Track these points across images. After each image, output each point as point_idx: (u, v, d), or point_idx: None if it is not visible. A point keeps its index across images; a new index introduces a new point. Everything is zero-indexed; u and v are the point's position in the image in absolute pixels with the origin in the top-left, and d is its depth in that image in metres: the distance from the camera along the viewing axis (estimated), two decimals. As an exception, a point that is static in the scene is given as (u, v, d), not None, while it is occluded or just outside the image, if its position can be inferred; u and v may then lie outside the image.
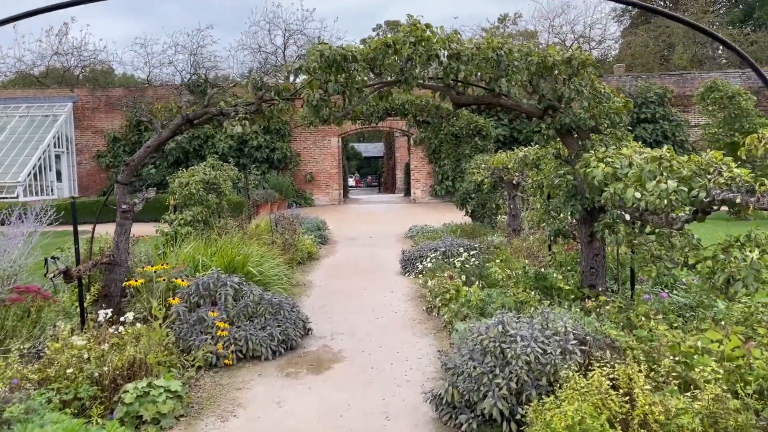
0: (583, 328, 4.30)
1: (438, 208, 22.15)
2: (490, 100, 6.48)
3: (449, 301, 6.63)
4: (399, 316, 7.05)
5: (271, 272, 7.34)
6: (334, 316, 7.16)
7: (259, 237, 9.75)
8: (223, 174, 10.97)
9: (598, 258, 6.56)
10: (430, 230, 13.62)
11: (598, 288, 6.49)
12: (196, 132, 24.03)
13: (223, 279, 6.20)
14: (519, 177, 9.91)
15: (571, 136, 6.49)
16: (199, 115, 6.32)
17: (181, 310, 5.84)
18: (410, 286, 8.61)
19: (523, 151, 8.97)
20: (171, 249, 8.19)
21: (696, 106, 24.81)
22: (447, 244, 9.66)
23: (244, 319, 5.92)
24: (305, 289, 8.68)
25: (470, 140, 13.95)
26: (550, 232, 6.87)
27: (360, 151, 52.19)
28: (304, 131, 25.21)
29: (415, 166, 25.67)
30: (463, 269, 7.73)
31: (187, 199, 9.34)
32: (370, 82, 6.17)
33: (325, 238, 13.75)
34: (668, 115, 23.88)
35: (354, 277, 9.55)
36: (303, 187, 25.48)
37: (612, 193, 5.02)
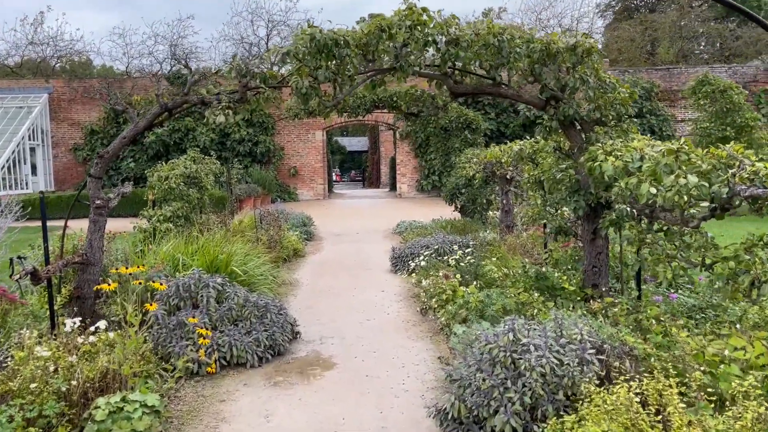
0: (598, 335, 3.97)
1: (425, 203, 21.82)
2: (490, 89, 6.12)
3: (446, 303, 6.28)
4: (392, 318, 6.69)
5: (256, 272, 6.93)
6: (323, 317, 6.78)
7: (243, 234, 9.33)
8: (204, 168, 10.51)
9: (601, 256, 6.25)
10: (418, 226, 13.26)
11: (601, 288, 6.19)
12: (176, 125, 23.45)
13: (205, 280, 5.79)
14: (513, 171, 9.59)
15: (574, 128, 6.16)
16: (178, 104, 5.89)
17: (160, 314, 5.43)
18: (402, 285, 8.25)
19: (518, 145, 8.64)
20: (150, 247, 7.74)
21: (682, 101, 24.75)
22: (439, 240, 9.31)
23: (228, 323, 5.52)
24: (292, 289, 8.28)
25: (460, 134, 13.60)
26: (551, 229, 6.54)
27: (344, 145, 51.67)
28: (288, 124, 24.71)
29: (401, 160, 25.30)
30: (458, 268, 7.38)
31: (167, 193, 8.88)
32: (363, 70, 5.78)
33: (311, 235, 13.35)
34: (655, 110, 23.74)
35: (342, 276, 9.17)
36: (287, 182, 25.00)
37: (623, 188, 4.69)
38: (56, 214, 20.28)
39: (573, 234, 6.56)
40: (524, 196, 9.58)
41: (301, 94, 5.45)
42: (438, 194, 24.48)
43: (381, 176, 36.61)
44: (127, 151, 23.82)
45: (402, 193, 25.23)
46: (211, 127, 23.68)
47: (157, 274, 6.32)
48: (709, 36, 30.22)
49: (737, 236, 4.55)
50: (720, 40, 29.11)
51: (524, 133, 23.24)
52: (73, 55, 29.65)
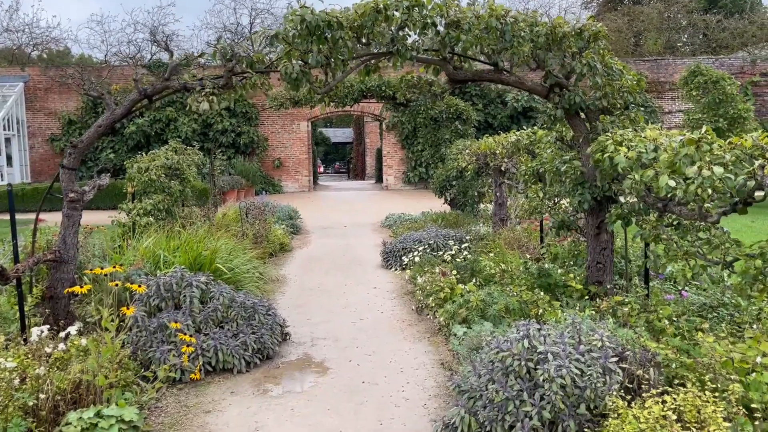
0: (617, 340, 3.66)
1: (412, 196, 21.48)
2: (491, 76, 5.79)
3: (444, 301, 5.96)
4: (386, 317, 6.36)
5: (242, 269, 6.56)
6: (314, 317, 6.43)
7: (228, 228, 8.93)
8: (186, 159, 10.08)
9: (605, 252, 5.97)
10: (408, 219, 12.94)
11: (606, 285, 5.91)
12: (157, 115, 22.84)
13: (188, 278, 5.41)
14: (508, 163, 9.29)
15: (579, 117, 5.86)
16: (158, 90, 5.48)
17: (140, 316, 5.04)
18: (394, 282, 7.92)
19: (515, 135, 8.34)
20: (129, 242, 7.33)
21: (670, 93, 24.63)
22: (431, 235, 8.99)
23: (213, 325, 5.15)
24: (279, 286, 7.91)
25: (450, 124, 13.28)
26: (553, 223, 6.25)
27: (328, 136, 51.07)
28: (272, 114, 24.20)
29: (388, 152, 24.91)
30: (454, 264, 7.06)
31: (147, 186, 8.45)
32: (357, 54, 5.41)
33: (298, 228, 12.96)
34: (643, 102, 23.59)
35: (332, 272, 8.82)
36: (271, 174, 24.52)
37: (638, 180, 4.39)
38: (33, 207, 19.66)
39: (575, 228, 6.27)
40: (519, 188, 9.29)
41: (290, 80, 5.07)
42: (425, 186, 24.17)
43: (366, 168, 36.22)
44: (106, 142, 23.19)
45: (388, 185, 24.87)
46: (193, 118, 23.12)
47: (137, 272, 5.93)
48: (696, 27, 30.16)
49: (732, 229, 4.29)
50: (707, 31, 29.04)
51: (512, 125, 22.97)
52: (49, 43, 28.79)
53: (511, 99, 23.03)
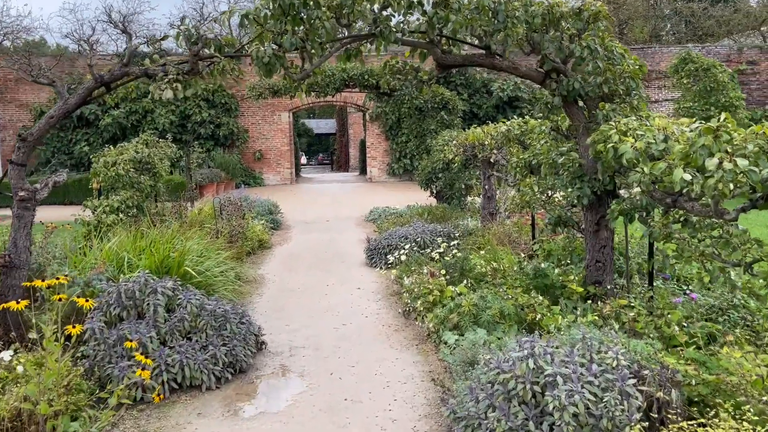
0: (630, 355, 3.25)
1: (397, 188, 21.02)
2: (482, 60, 5.33)
3: (433, 305, 5.52)
4: (371, 322, 5.91)
5: (215, 270, 6.07)
6: (293, 322, 5.97)
7: (202, 225, 8.42)
8: (158, 152, 9.53)
9: (605, 250, 5.57)
10: (393, 213, 12.48)
11: (606, 285, 5.51)
12: (133, 106, 22.12)
13: (152, 284, 4.91)
14: (497, 154, 8.86)
15: (577, 105, 5.43)
16: (117, 77, 4.96)
17: (98, 327, 4.55)
18: (379, 282, 7.47)
19: (505, 125, 7.90)
20: (94, 242, 6.80)
21: (657, 81, 24.37)
22: (418, 230, 8.54)
23: (180, 336, 4.67)
24: (257, 287, 7.43)
25: (436, 114, 12.82)
26: (549, 219, 5.83)
27: (311, 127, 50.36)
28: (253, 105, 23.56)
29: (372, 143, 24.40)
30: (443, 263, 6.63)
31: (115, 181, 7.91)
32: (336, 36, 4.93)
33: (278, 223, 12.45)
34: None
35: (313, 270, 8.35)
36: (252, 166, 23.91)
37: (647, 174, 3.98)
38: (3, 203, 18.94)
39: (572, 225, 5.86)
40: (509, 181, 8.87)
41: (262, 65, 4.58)
42: (410, 178, 23.71)
43: (350, 159, 35.68)
44: (81, 134, 22.45)
45: (372, 177, 24.38)
46: (171, 109, 22.43)
47: (98, 277, 5.42)
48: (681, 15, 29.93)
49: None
50: (692, 19, 28.83)
51: (498, 114, 22.55)
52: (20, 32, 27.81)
53: (497, 88, 22.61)
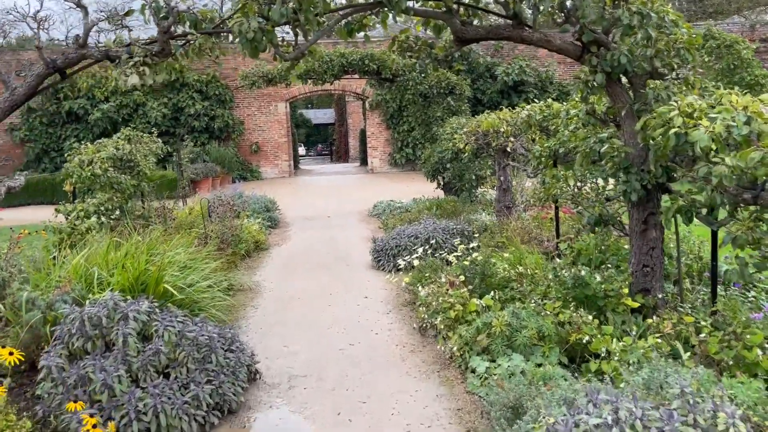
0: (742, 412, 2.45)
1: (400, 179, 20.19)
2: (509, 32, 4.50)
3: (455, 321, 4.72)
4: (382, 340, 5.12)
5: (201, 284, 5.26)
6: (292, 342, 5.18)
7: (190, 228, 7.61)
8: (142, 148, 8.71)
9: (654, 253, 4.77)
10: (398, 207, 11.67)
11: (655, 294, 4.72)
12: (123, 99, 21.25)
13: (123, 308, 4.11)
14: (515, 142, 8.03)
15: (620, 84, 4.61)
16: (72, 61, 4.14)
17: (55, 365, 3.76)
18: (388, 289, 6.67)
19: (525, 110, 7.09)
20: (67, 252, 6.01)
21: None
22: (429, 229, 7.73)
23: (155, 373, 3.88)
24: (251, 297, 6.64)
25: (442, 101, 11.98)
26: (588, 217, 5.01)
27: (309, 117, 49.39)
28: (248, 96, 22.68)
29: (372, 132, 23.52)
30: (461, 267, 5.82)
31: (91, 182, 7.09)
32: (334, 6, 4.11)
33: (276, 221, 11.64)
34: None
35: (314, 275, 7.55)
36: (249, 159, 23.06)
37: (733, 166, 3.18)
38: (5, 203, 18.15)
39: (616, 224, 5.05)
40: (529, 172, 8.05)
41: (246, 42, 3.75)
42: (413, 168, 22.87)
43: (349, 150, 34.81)
44: (70, 130, 21.59)
45: (374, 168, 23.54)
46: (163, 102, 21.56)
47: (62, 298, 4.63)
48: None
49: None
50: None
51: (502, 100, 21.68)
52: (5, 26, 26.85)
53: (502, 73, 21.71)
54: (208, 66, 22.36)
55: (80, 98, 21.45)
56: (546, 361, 4.04)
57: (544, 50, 23.89)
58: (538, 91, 22.04)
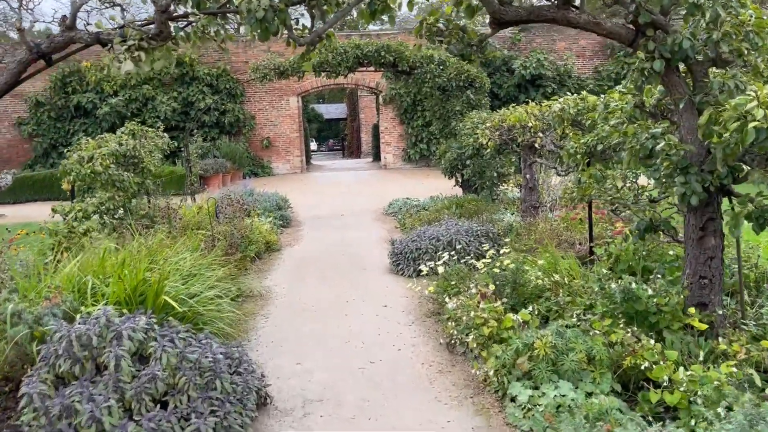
0: None
1: (415, 175, 19.69)
2: (553, 14, 3.97)
3: (489, 339, 4.22)
4: (406, 357, 4.62)
5: (207, 294, 4.78)
6: (306, 358, 4.70)
7: (197, 229, 7.14)
8: (147, 143, 8.26)
9: (713, 263, 4.24)
10: (415, 205, 11.16)
11: (715, 309, 4.20)
12: (133, 93, 20.86)
13: (116, 325, 3.64)
14: (544, 138, 7.49)
15: (678, 73, 4.07)
16: (59, 45, 3.66)
17: (37, 393, 3.30)
18: (410, 296, 6.17)
19: (559, 102, 6.54)
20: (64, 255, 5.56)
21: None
22: (451, 230, 7.22)
23: (151, 401, 3.40)
24: (262, 304, 6.16)
25: (461, 94, 11.42)
26: (638, 223, 4.48)
27: (321, 112, 48.86)
28: (259, 90, 22.23)
29: (386, 127, 23.02)
30: (490, 274, 5.31)
31: (92, 180, 6.64)
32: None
33: (288, 220, 11.16)
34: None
35: (329, 280, 7.06)
36: (260, 155, 22.62)
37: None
38: (7, 199, 17.78)
39: (669, 230, 4.51)
40: (560, 169, 7.52)
41: (256, 22, 3.25)
42: (427, 164, 22.34)
43: (362, 145, 34.31)
44: (78, 125, 21.23)
45: (387, 164, 23.04)
46: (173, 96, 21.14)
47: (51, 311, 4.17)
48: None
49: None
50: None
51: (519, 94, 21.11)
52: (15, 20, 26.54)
53: (519, 66, 21.14)
54: (218, 59, 21.94)
55: (89, 92, 21.09)
56: (597, 388, 3.53)
57: (562, 43, 23.31)
58: (556, 85, 21.42)
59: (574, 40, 22.75)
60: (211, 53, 22.05)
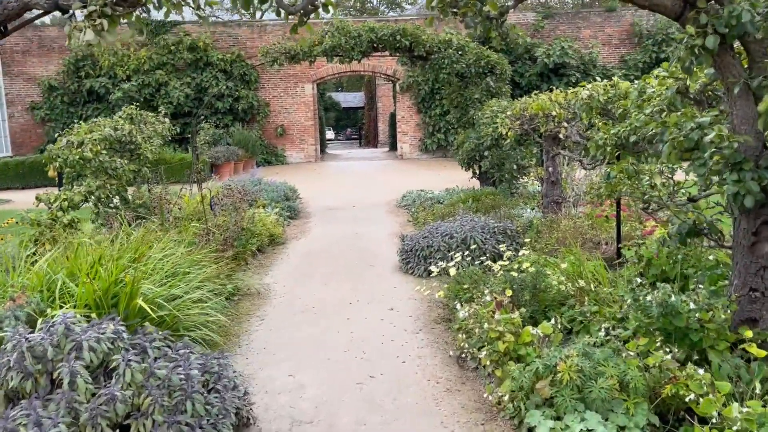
0: None
1: (431, 166, 19.13)
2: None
3: (504, 355, 3.70)
4: (411, 371, 4.12)
5: (191, 296, 4.31)
6: (300, 368, 4.22)
7: (197, 221, 6.68)
8: (147, 129, 7.83)
9: (766, 273, 3.67)
10: (429, 198, 10.64)
11: (766, 326, 3.63)
12: (145, 79, 20.48)
13: (76, 334, 3.18)
14: (569, 128, 6.92)
15: (731, 53, 3.50)
16: (12, 13, 3.16)
17: (-23, 413, 2.85)
18: (418, 299, 5.66)
19: (587, 89, 5.97)
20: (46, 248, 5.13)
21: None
22: (466, 227, 6.69)
23: (109, 426, 2.94)
24: (259, 304, 5.70)
25: (480, 81, 10.83)
26: (679, 227, 3.92)
27: (338, 101, 48.29)
28: (273, 76, 21.76)
29: (402, 116, 22.46)
30: (506, 277, 4.78)
31: (81, 167, 6.21)
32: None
33: (296, 211, 10.70)
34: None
35: (333, 278, 6.58)
36: (273, 143, 22.18)
37: None
38: (16, 184, 17.57)
39: (713, 234, 3.95)
40: (584, 162, 6.95)
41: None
42: (444, 155, 21.77)
43: (378, 134, 33.77)
44: (91, 109, 20.93)
45: (403, 154, 22.50)
46: (186, 82, 20.74)
47: (13, 314, 3.73)
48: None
49: None
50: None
51: (542, 83, 20.42)
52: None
53: (542, 54, 20.43)
54: (233, 45, 21.50)
55: (102, 77, 20.78)
56: (631, 422, 3.00)
57: (587, 31, 22.47)
58: (580, 74, 20.68)
59: (599, 28, 21.95)
60: (225, 38, 21.61)
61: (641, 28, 21.28)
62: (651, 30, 21.16)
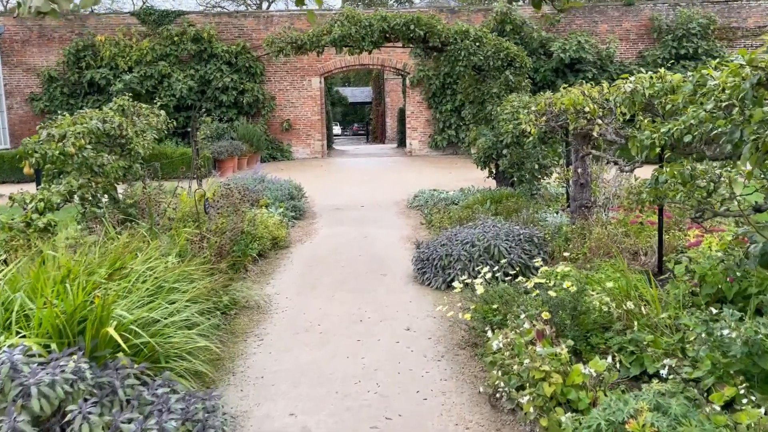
0: None
1: (442, 163, 18.46)
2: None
3: (550, 399, 3.05)
4: (434, 413, 3.47)
5: (175, 319, 3.67)
6: (302, 407, 3.57)
7: (185, 224, 6.04)
8: (139, 122, 7.20)
9: None
10: (443, 198, 9.99)
11: None
12: (148, 70, 19.86)
13: (24, 375, 2.56)
14: (604, 125, 6.24)
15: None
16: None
17: None
18: (438, 317, 5.01)
19: (630, 83, 5.30)
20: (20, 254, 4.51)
21: (743, 41, 21.05)
22: (488, 234, 6.03)
23: (58, 501, 2.31)
24: (257, 321, 5.06)
25: (499, 75, 10.16)
26: (765, 244, 3.25)
27: (346, 95, 47.58)
28: (280, 69, 21.11)
29: (412, 112, 21.78)
30: (542, 298, 4.13)
31: (62, 163, 5.58)
32: None
33: (301, 211, 10.06)
34: (712, 51, 20.04)
35: (341, 289, 5.94)
36: (279, 138, 21.54)
37: None
38: (14, 177, 16.99)
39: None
40: (622, 164, 6.28)
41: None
42: (454, 152, 21.12)
43: (386, 130, 33.10)
44: (91, 101, 20.33)
45: (412, 150, 21.83)
46: (189, 74, 20.11)
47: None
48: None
49: None
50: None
51: (557, 79, 19.68)
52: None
53: (558, 49, 19.70)
54: (238, 36, 20.87)
55: (102, 68, 20.17)
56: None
57: (604, 25, 21.73)
58: (597, 70, 19.97)
59: (617, 22, 21.20)
60: (231, 29, 20.98)
61: (660, 22, 20.50)
62: (671, 25, 20.38)
